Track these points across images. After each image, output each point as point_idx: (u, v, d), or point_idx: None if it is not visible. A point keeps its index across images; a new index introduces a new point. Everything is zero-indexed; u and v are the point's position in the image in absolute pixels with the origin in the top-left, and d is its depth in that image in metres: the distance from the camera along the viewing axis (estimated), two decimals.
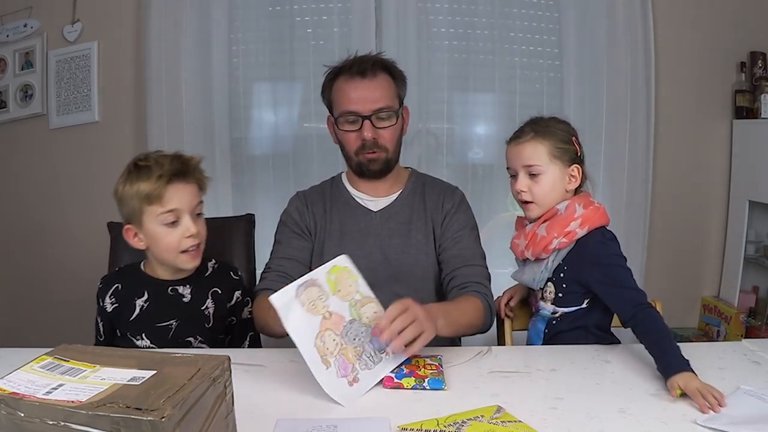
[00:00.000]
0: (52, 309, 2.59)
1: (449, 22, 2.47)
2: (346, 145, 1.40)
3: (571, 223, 1.24)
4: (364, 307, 1.08)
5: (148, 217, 1.25)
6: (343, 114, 1.36)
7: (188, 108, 2.43)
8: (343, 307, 1.05)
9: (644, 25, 2.39)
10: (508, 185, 1.35)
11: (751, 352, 1.19)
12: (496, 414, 0.90)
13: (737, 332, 2.41)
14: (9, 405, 0.58)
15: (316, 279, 1.03)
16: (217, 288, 1.36)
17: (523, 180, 1.28)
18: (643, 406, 0.95)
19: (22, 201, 2.64)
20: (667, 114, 2.51)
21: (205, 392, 0.63)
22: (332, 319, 1.03)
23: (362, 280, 1.09)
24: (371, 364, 1.04)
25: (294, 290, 1.00)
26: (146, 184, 1.23)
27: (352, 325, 1.05)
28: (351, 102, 1.35)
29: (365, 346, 1.05)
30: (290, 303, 0.99)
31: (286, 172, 2.53)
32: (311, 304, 1.01)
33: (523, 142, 1.29)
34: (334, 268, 1.06)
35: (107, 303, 1.34)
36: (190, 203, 1.28)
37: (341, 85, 1.37)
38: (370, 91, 1.35)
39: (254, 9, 2.47)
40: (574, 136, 1.31)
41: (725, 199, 2.61)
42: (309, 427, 0.86)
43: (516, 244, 1.35)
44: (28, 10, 2.53)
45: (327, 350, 1.00)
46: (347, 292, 1.07)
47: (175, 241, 1.26)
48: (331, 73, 1.41)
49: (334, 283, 1.05)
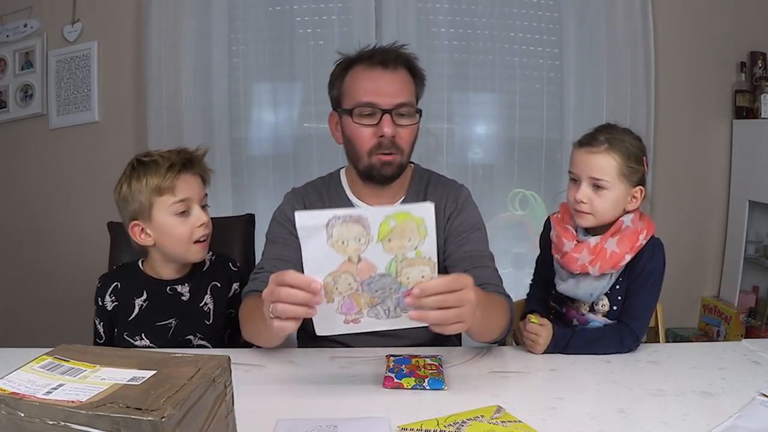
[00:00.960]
0: (52, 309, 2.59)
1: (449, 22, 2.47)
2: (358, 142, 1.23)
3: (639, 237, 1.22)
4: (412, 268, 0.88)
5: (159, 209, 1.25)
6: (360, 105, 1.20)
7: (188, 108, 2.44)
8: (382, 259, 0.87)
9: (644, 25, 2.40)
10: (508, 185, 1.35)
11: (751, 352, 1.19)
12: (496, 414, 0.89)
13: (737, 332, 2.41)
14: (9, 405, 0.58)
15: (366, 218, 0.86)
16: (216, 282, 1.36)
17: (585, 190, 1.22)
18: (643, 406, 0.95)
19: (22, 201, 2.64)
20: (667, 114, 2.51)
21: (205, 392, 0.63)
22: (359, 265, 0.87)
23: (433, 238, 0.88)
24: (383, 317, 0.91)
25: (327, 219, 0.85)
26: (156, 177, 1.24)
27: (382, 278, 0.89)
28: (369, 93, 1.20)
29: (387, 300, 0.90)
30: (315, 229, 0.85)
31: (286, 172, 2.54)
32: (340, 241, 0.86)
33: (595, 152, 1.21)
34: (401, 214, 0.86)
35: (107, 301, 1.33)
36: (198, 194, 1.30)
37: (359, 74, 1.23)
38: (391, 84, 1.22)
39: (254, 9, 2.47)
40: (645, 155, 1.25)
41: (725, 199, 2.61)
42: (309, 427, 0.86)
43: (573, 258, 1.24)
44: (28, 10, 2.53)
45: (336, 290, 0.89)
46: (401, 245, 0.87)
47: (188, 231, 1.27)
48: (345, 61, 1.27)
49: (389, 230, 0.86)
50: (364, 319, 0.91)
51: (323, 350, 1.20)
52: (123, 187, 1.27)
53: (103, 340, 1.36)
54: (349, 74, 1.25)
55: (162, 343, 1.29)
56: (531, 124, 2.51)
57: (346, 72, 1.26)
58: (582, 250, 1.23)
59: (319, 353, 1.19)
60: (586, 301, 1.27)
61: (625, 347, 1.18)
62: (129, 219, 1.29)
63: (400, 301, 0.90)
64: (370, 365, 1.11)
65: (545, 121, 2.52)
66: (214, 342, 1.33)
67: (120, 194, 1.28)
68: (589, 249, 1.23)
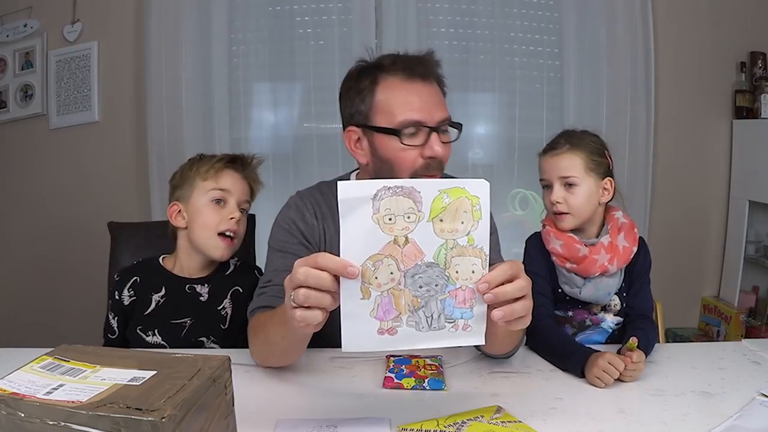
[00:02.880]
0: (53, 309, 2.59)
1: (449, 22, 2.47)
2: (402, 164, 1.08)
3: (635, 230, 1.31)
4: (462, 258, 0.78)
5: (198, 192, 1.32)
6: (408, 125, 1.07)
7: (188, 108, 2.43)
8: (432, 243, 0.77)
9: (644, 25, 2.40)
10: (508, 185, 1.35)
11: (751, 352, 1.19)
12: (496, 414, 0.90)
13: (737, 332, 2.41)
14: (9, 405, 0.58)
15: (420, 191, 0.76)
16: (239, 287, 1.35)
17: (558, 191, 1.28)
18: (643, 406, 0.95)
19: (22, 201, 2.64)
20: (667, 114, 2.51)
21: (205, 392, 0.63)
22: (405, 249, 0.76)
23: (486, 224, 0.79)
24: (424, 326, 0.78)
25: (375, 189, 0.75)
26: (206, 164, 1.35)
27: (429, 269, 0.77)
28: (416, 109, 1.07)
29: (431, 303, 0.78)
30: (360, 201, 0.75)
31: (286, 172, 2.54)
32: (388, 217, 0.75)
33: (559, 154, 1.29)
34: (456, 190, 0.77)
35: (125, 296, 1.32)
36: (240, 192, 1.35)
37: (397, 87, 1.09)
38: (433, 98, 1.10)
39: (254, 9, 2.47)
40: (606, 149, 1.33)
41: (725, 199, 2.61)
42: (309, 427, 0.86)
43: (593, 260, 1.25)
44: (28, 10, 2.53)
45: (375, 280, 0.76)
46: (452, 229, 0.77)
47: (217, 218, 1.31)
48: (371, 69, 1.12)
49: (442, 208, 0.77)
50: (402, 329, 0.78)
51: (323, 350, 1.20)
52: (177, 176, 1.38)
53: (115, 335, 1.33)
54: (381, 87, 1.09)
55: (174, 342, 1.28)
56: (531, 124, 2.51)
57: (376, 84, 1.10)
58: (600, 251, 1.27)
59: (319, 353, 1.19)
60: (604, 302, 1.30)
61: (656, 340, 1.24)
62: (171, 201, 1.35)
63: (445, 305, 0.79)
64: (370, 365, 1.11)
65: (545, 121, 2.52)
66: (227, 347, 1.31)
67: (173, 181, 1.39)
68: (605, 248, 1.27)
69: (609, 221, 1.31)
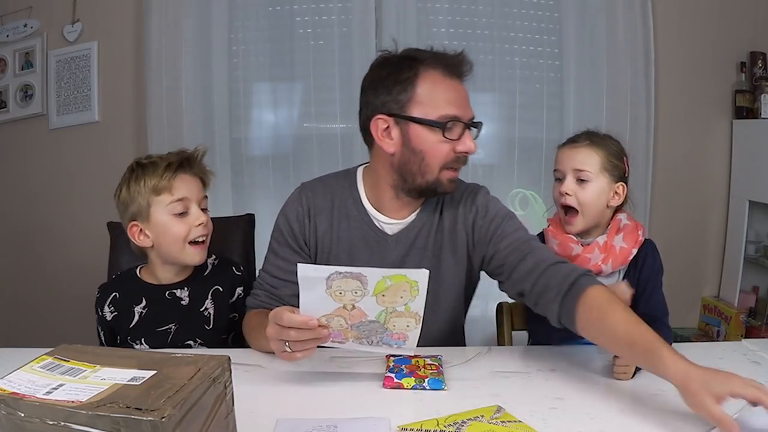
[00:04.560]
0: (52, 309, 2.59)
1: (449, 22, 2.47)
2: (435, 156, 1.13)
3: (638, 233, 1.30)
4: (399, 319, 0.97)
5: (157, 209, 1.26)
6: (448, 118, 1.11)
7: (188, 108, 2.44)
8: (374, 309, 0.96)
9: (644, 25, 2.40)
10: (508, 185, 1.35)
11: (751, 352, 1.19)
12: (496, 414, 0.90)
13: (737, 332, 2.41)
14: (9, 405, 0.58)
15: (365, 276, 0.92)
16: (218, 286, 1.35)
17: (570, 183, 1.28)
18: (643, 406, 0.95)
19: (22, 201, 2.64)
20: (667, 114, 2.51)
21: (205, 392, 0.63)
22: (352, 312, 0.96)
23: (422, 299, 0.94)
24: (366, 344, 1.01)
25: (328, 273, 0.92)
26: (154, 177, 1.25)
27: (371, 324, 0.98)
28: (455, 105, 1.12)
29: (372, 336, 1.00)
30: (316, 281, 0.92)
31: (286, 172, 2.54)
32: (339, 291, 0.93)
33: (578, 147, 1.29)
34: (398, 276, 0.92)
35: (106, 312, 1.32)
36: (197, 194, 1.30)
37: (439, 81, 1.13)
38: (466, 96, 1.16)
39: (254, 9, 2.47)
40: (625, 155, 1.32)
41: (725, 199, 2.61)
42: (309, 427, 0.86)
43: (586, 259, 1.26)
44: (28, 10, 2.53)
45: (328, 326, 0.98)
46: (392, 301, 0.94)
47: (185, 230, 1.27)
48: (411, 61, 1.14)
49: (385, 287, 0.93)
50: (349, 344, 1.02)
51: (323, 350, 1.19)
52: (122, 191, 1.28)
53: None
54: (422, 79, 1.12)
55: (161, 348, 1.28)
56: (531, 124, 2.51)
57: (417, 76, 1.12)
58: (593, 249, 1.28)
59: (319, 353, 1.18)
60: None
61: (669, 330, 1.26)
62: (128, 220, 1.29)
63: (384, 338, 1.00)
64: (370, 365, 1.11)
65: (545, 121, 2.52)
66: (214, 347, 1.32)
67: (120, 197, 1.29)
68: (599, 248, 1.27)
69: (612, 222, 1.31)
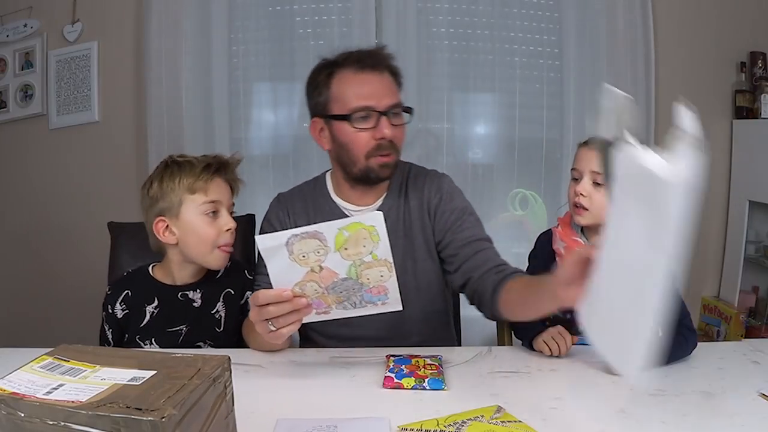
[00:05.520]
0: (53, 309, 2.59)
1: (449, 22, 2.47)
2: (356, 146, 1.23)
3: None
4: (371, 270, 0.97)
5: (188, 207, 1.25)
6: (358, 110, 1.21)
7: (188, 108, 2.43)
8: (342, 265, 0.96)
9: (644, 25, 2.39)
10: (508, 185, 1.35)
11: (751, 352, 1.19)
12: (496, 414, 0.90)
13: (737, 332, 2.41)
14: (9, 405, 0.58)
15: (321, 233, 0.93)
16: (230, 289, 1.35)
17: (586, 184, 1.28)
18: (643, 406, 0.95)
19: (22, 201, 2.64)
20: (667, 114, 2.51)
21: (205, 392, 0.63)
22: (321, 274, 0.96)
23: (386, 242, 0.95)
24: (350, 308, 1.01)
25: (285, 238, 0.93)
26: (190, 176, 1.26)
27: (345, 282, 0.97)
28: (364, 97, 1.21)
29: (352, 297, 1.00)
30: (276, 249, 0.94)
31: (286, 172, 2.54)
32: (301, 255, 0.94)
33: None
34: (353, 225, 0.93)
35: (117, 309, 1.31)
36: (228, 200, 1.31)
37: (348, 78, 1.23)
38: (382, 86, 1.23)
39: (254, 9, 2.47)
40: None
41: (725, 199, 2.61)
42: (309, 427, 0.86)
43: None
44: (28, 10, 2.53)
45: (304, 295, 0.98)
46: (356, 252, 0.95)
47: (214, 233, 1.26)
48: (327, 66, 1.26)
49: (344, 240, 0.93)
50: (334, 311, 1.02)
51: (323, 350, 1.20)
52: (154, 185, 1.27)
53: (111, 346, 1.32)
54: (336, 79, 1.24)
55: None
56: (531, 124, 2.51)
57: (331, 78, 1.24)
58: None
59: (319, 353, 1.19)
60: None
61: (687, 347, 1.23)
62: (155, 215, 1.27)
63: (364, 296, 1.00)
64: (370, 365, 1.11)
65: (545, 121, 2.52)
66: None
67: (149, 191, 1.28)
68: None
69: None
